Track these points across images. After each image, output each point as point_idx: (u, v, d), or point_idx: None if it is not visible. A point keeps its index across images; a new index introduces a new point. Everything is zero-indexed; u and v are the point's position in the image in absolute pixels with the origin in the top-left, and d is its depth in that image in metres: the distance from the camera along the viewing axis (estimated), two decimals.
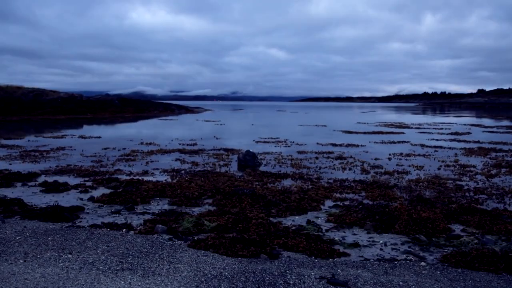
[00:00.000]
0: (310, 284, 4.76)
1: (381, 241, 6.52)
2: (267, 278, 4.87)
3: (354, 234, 6.91)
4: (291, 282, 4.79)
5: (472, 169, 14.11)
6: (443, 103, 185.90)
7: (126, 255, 5.43)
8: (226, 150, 19.23)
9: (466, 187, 11.09)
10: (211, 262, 5.30)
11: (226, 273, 4.97)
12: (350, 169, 14.31)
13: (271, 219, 7.70)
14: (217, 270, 5.05)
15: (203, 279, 4.80)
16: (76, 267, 5.04)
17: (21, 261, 5.20)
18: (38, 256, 5.31)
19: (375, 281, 4.90)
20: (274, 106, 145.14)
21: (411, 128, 36.07)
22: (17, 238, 5.98)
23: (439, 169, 14.29)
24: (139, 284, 4.67)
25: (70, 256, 5.35)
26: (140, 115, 56.51)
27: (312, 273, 5.06)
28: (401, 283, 4.86)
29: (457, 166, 14.84)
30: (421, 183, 11.55)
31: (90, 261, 5.22)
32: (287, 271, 5.11)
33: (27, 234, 6.18)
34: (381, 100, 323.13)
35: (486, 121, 48.05)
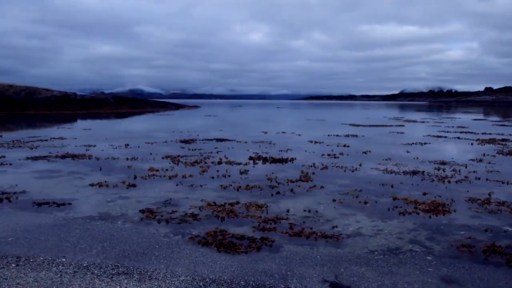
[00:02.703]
0: None
1: (386, 230, 6.34)
2: (268, 283, 4.70)
3: (358, 222, 6.73)
4: (292, 287, 4.63)
5: (486, 156, 14.22)
6: (450, 102, 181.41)
7: (122, 257, 5.25)
8: (220, 140, 18.94)
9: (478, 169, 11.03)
10: (210, 264, 5.12)
11: (225, 277, 4.80)
12: (360, 155, 14.17)
13: (272, 205, 7.53)
14: (216, 273, 4.88)
15: (201, 284, 4.64)
16: (70, 271, 4.87)
17: (13, 265, 5.03)
18: (31, 260, 5.14)
19: (379, 283, 4.73)
20: (274, 104, 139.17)
21: (420, 122, 35.54)
22: (9, 239, 5.79)
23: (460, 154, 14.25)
24: None
25: (64, 259, 5.17)
26: (135, 111, 56.27)
27: (314, 274, 4.89)
28: (406, 285, 4.69)
29: (473, 152, 15.16)
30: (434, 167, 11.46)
31: (84, 264, 5.04)
32: (288, 272, 4.94)
33: (19, 233, 5.99)
34: (385, 99, 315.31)
35: (495, 118, 47.06)
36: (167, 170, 11.13)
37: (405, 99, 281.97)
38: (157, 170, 10.97)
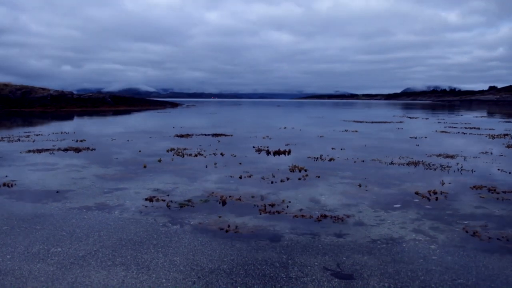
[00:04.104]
0: (313, 277, 4.49)
1: (388, 220, 6.23)
2: (268, 271, 4.59)
3: (360, 212, 6.61)
4: (293, 276, 4.50)
5: (494, 149, 14.21)
6: (453, 101, 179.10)
7: (119, 247, 5.13)
8: (216, 135, 18.87)
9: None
10: (209, 253, 5.00)
11: (225, 266, 4.69)
12: (363, 148, 14.05)
13: (273, 196, 7.42)
14: (215, 263, 4.76)
15: (200, 275, 4.52)
16: (66, 263, 4.74)
17: (8, 256, 4.91)
18: (26, 252, 5.03)
19: (382, 271, 4.62)
20: (275, 103, 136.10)
21: (423, 119, 35.31)
22: (4, 228, 5.68)
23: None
24: (133, 281, 4.39)
25: (59, 249, 5.05)
26: (133, 109, 56.43)
27: (316, 263, 4.78)
28: (409, 273, 4.58)
29: (481, 146, 15.12)
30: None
31: (80, 255, 4.92)
32: (289, 261, 4.83)
33: (14, 222, 5.88)
34: (387, 98, 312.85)
35: (500, 116, 46.71)
36: (165, 161, 11.02)
37: (408, 98, 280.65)
38: (155, 162, 10.86)
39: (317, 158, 11.83)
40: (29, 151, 12.78)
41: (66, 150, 13.18)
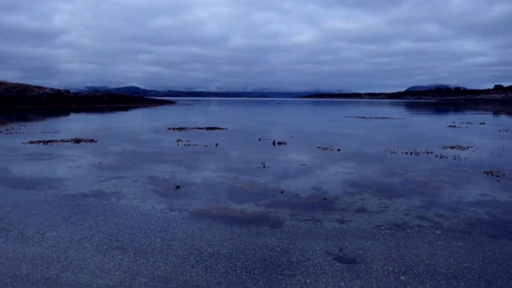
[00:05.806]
0: (315, 261, 4.36)
1: (392, 207, 6.10)
2: (269, 256, 4.46)
3: (363, 199, 6.48)
4: (294, 260, 4.38)
5: (501, 142, 14.08)
6: (458, 100, 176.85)
7: (116, 231, 5.00)
8: (211, 128, 18.77)
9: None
10: (208, 238, 4.87)
11: (224, 251, 4.56)
12: (366, 142, 13.92)
13: (273, 184, 7.29)
14: (214, 247, 4.64)
15: (199, 259, 4.40)
16: (61, 247, 4.62)
17: (2, 239, 4.79)
18: (21, 236, 4.90)
19: (386, 255, 4.49)
20: (275, 102, 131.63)
21: (427, 115, 35.07)
22: None
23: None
24: (130, 265, 4.26)
25: (55, 233, 4.92)
26: (130, 105, 56.74)
27: (318, 248, 4.65)
28: (413, 257, 4.45)
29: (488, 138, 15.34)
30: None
31: (76, 239, 4.80)
32: (290, 246, 4.70)
33: (8, 208, 5.75)
34: (391, 97, 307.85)
35: (506, 114, 46.36)
36: (162, 153, 10.90)
37: (412, 97, 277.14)
38: (152, 154, 10.74)
39: (325, 148, 11.70)
40: (31, 142, 12.67)
41: (67, 141, 13.05)
